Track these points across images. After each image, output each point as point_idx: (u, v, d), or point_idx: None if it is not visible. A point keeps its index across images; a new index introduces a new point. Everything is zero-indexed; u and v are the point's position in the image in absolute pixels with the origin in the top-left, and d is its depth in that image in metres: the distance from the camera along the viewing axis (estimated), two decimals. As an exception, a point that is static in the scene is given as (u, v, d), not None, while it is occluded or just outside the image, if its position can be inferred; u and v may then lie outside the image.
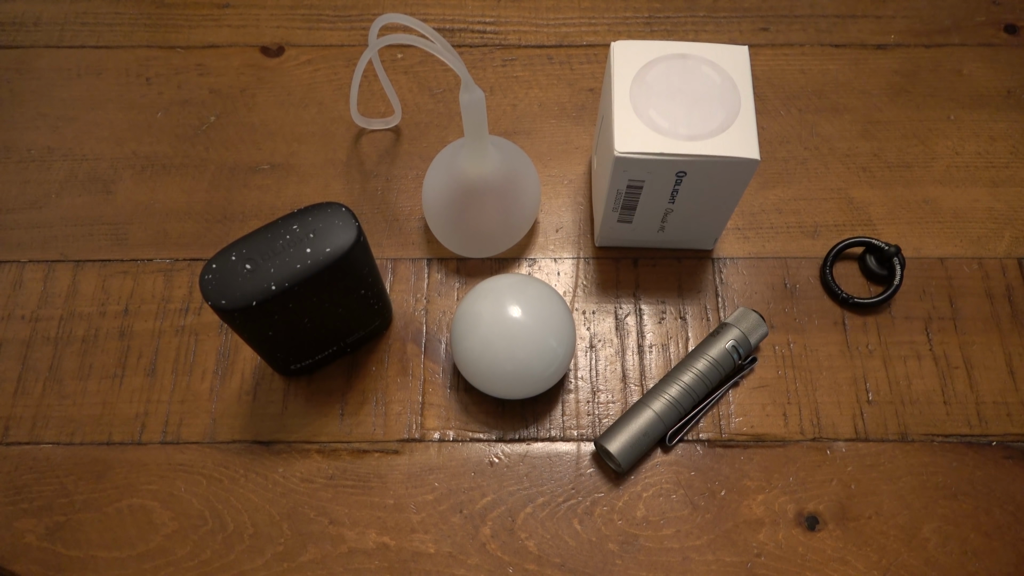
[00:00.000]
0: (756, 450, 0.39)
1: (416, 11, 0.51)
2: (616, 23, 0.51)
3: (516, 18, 0.51)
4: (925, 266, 0.43)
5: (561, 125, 0.47)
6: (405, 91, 0.48)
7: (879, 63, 0.49)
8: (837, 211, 0.45)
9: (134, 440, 0.39)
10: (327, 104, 0.48)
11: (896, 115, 0.47)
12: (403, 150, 0.47)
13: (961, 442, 0.39)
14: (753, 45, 0.50)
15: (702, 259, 0.43)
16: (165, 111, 0.48)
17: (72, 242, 0.44)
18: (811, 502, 0.38)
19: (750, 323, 0.40)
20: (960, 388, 0.40)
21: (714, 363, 0.39)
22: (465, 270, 0.43)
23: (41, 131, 0.47)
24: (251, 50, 0.50)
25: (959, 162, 0.46)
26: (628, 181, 0.36)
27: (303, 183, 0.45)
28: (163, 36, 0.50)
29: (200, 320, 0.42)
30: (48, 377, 0.40)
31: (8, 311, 0.42)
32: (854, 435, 0.39)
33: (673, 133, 0.35)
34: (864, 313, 0.42)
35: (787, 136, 0.47)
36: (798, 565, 0.36)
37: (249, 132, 0.47)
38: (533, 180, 0.41)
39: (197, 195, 0.45)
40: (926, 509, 0.37)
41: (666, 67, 0.37)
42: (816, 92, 0.48)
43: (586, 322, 0.42)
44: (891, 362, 0.41)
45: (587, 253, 0.44)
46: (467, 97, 0.34)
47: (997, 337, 0.41)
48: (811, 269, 0.43)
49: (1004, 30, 0.50)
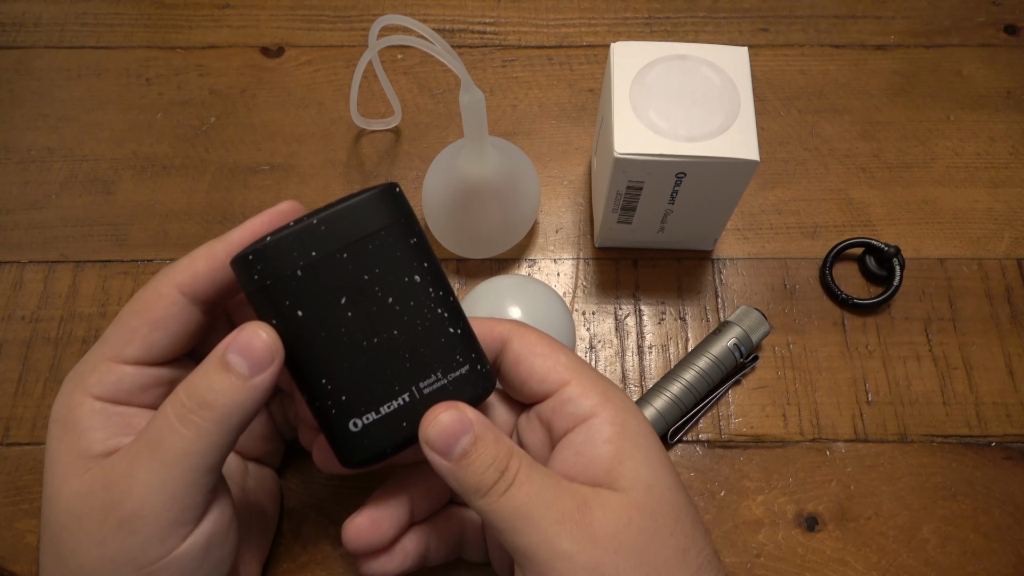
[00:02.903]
0: (755, 451, 0.39)
1: (416, 12, 0.51)
2: (616, 24, 0.51)
3: (516, 19, 0.51)
4: (925, 267, 0.43)
5: (561, 126, 0.47)
6: (405, 92, 0.48)
7: (879, 63, 0.49)
8: (837, 212, 0.45)
9: (134, 441, 0.39)
10: (327, 105, 0.48)
11: (896, 116, 0.48)
12: (403, 151, 0.47)
13: (960, 443, 0.39)
14: (753, 46, 0.50)
15: (702, 260, 0.43)
16: (165, 112, 0.48)
17: (72, 243, 0.44)
18: (810, 503, 0.38)
19: (752, 321, 0.40)
20: (960, 389, 0.40)
21: (716, 361, 0.39)
22: (465, 271, 0.43)
23: (41, 132, 0.47)
24: (251, 51, 0.50)
25: (959, 163, 0.46)
26: (628, 182, 0.36)
27: (303, 184, 0.45)
28: (163, 37, 0.50)
29: (200, 321, 0.42)
30: (49, 378, 0.40)
31: (8, 312, 0.42)
32: (854, 436, 0.39)
33: (673, 134, 0.35)
34: (864, 314, 0.42)
35: (787, 137, 0.47)
36: (797, 566, 0.36)
37: (249, 133, 0.47)
38: (533, 181, 0.41)
39: (197, 196, 0.45)
40: (925, 510, 0.37)
41: (666, 68, 0.37)
42: (816, 93, 0.48)
43: (586, 323, 0.42)
44: (891, 363, 0.41)
45: (587, 254, 0.44)
46: (467, 98, 0.34)
47: (997, 338, 0.41)
48: (811, 270, 0.43)
49: (1004, 30, 0.50)
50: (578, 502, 0.25)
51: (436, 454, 0.26)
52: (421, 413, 0.26)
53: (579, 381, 0.28)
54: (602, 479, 0.26)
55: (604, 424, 0.27)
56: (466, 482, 0.25)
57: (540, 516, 0.24)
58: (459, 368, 0.27)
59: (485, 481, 0.25)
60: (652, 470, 0.26)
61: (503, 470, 0.25)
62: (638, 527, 0.25)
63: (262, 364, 0.25)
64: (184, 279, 0.27)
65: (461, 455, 0.25)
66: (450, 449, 0.25)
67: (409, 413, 0.27)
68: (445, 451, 0.25)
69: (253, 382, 0.25)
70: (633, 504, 0.25)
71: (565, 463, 0.27)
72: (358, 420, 0.27)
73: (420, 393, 0.27)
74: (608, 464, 0.26)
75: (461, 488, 0.25)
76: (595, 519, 0.25)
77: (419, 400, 0.27)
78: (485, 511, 0.25)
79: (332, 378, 0.26)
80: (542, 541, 0.24)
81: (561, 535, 0.24)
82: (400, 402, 0.27)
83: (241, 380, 0.25)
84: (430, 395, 0.27)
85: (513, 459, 0.25)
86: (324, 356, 0.26)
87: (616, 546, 0.24)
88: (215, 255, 0.27)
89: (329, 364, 0.26)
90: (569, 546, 0.24)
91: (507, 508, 0.25)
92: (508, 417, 0.31)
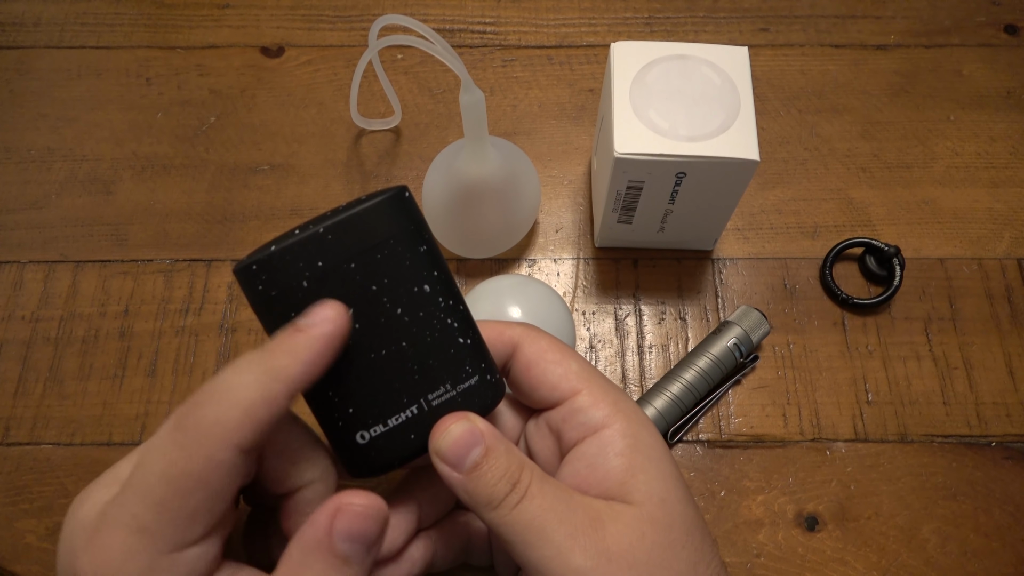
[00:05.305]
0: (756, 451, 0.39)
1: (416, 12, 0.51)
2: (616, 23, 0.51)
3: (516, 18, 0.51)
4: (925, 267, 0.43)
5: (561, 125, 0.47)
6: (405, 92, 0.48)
7: (879, 63, 0.49)
8: (837, 212, 0.45)
9: (134, 441, 0.39)
10: (327, 104, 0.48)
11: (896, 115, 0.48)
12: (403, 151, 0.47)
13: (961, 443, 0.39)
14: (753, 46, 0.50)
15: (702, 260, 0.43)
16: (165, 112, 0.48)
17: (72, 243, 0.44)
18: (811, 503, 0.38)
19: (752, 321, 0.40)
20: (960, 389, 0.40)
21: (716, 361, 0.39)
22: (465, 271, 0.43)
23: (41, 131, 0.47)
24: (251, 50, 0.50)
25: (959, 163, 0.46)
26: (628, 182, 0.36)
27: (303, 184, 0.45)
28: (163, 36, 0.50)
29: (200, 321, 0.42)
30: (48, 378, 0.40)
31: (8, 311, 0.42)
32: (854, 436, 0.39)
33: (673, 134, 0.35)
34: (864, 314, 0.42)
35: (787, 137, 0.47)
36: (798, 566, 0.36)
37: (249, 132, 0.47)
38: (533, 181, 0.41)
39: (197, 196, 0.45)
40: (925, 510, 0.37)
41: (666, 68, 0.37)
42: (816, 92, 0.48)
43: (586, 323, 0.42)
44: (891, 363, 0.41)
45: (587, 254, 0.44)
46: (467, 98, 0.34)
47: (997, 338, 0.41)
48: (811, 270, 0.43)
49: (1004, 30, 0.50)
50: (591, 516, 0.25)
51: (447, 466, 0.25)
52: (430, 425, 0.26)
53: (590, 390, 0.27)
54: (615, 492, 0.26)
55: (616, 436, 0.26)
56: (477, 494, 0.25)
57: (553, 530, 0.24)
58: (468, 379, 0.26)
59: (497, 493, 0.25)
60: (664, 483, 0.26)
61: (515, 482, 0.25)
62: (651, 541, 0.25)
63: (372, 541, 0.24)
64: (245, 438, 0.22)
65: (472, 467, 0.25)
66: (461, 461, 0.25)
67: (417, 425, 0.26)
68: (456, 463, 0.25)
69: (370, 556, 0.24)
70: (646, 518, 0.25)
71: (576, 475, 0.27)
72: (365, 432, 0.26)
73: (429, 405, 0.26)
74: (621, 477, 0.26)
75: (472, 501, 0.25)
76: (608, 534, 0.24)
77: (427, 412, 0.26)
78: (496, 524, 0.25)
79: (339, 390, 0.26)
80: (555, 555, 0.24)
81: (575, 550, 0.24)
82: (408, 414, 0.26)
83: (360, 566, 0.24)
84: (439, 407, 0.26)
85: (525, 471, 0.25)
86: (331, 368, 0.25)
87: (631, 561, 0.24)
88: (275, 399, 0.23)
89: (336, 376, 0.25)
90: (583, 561, 0.24)
91: (519, 521, 0.24)
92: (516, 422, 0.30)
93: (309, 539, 0.23)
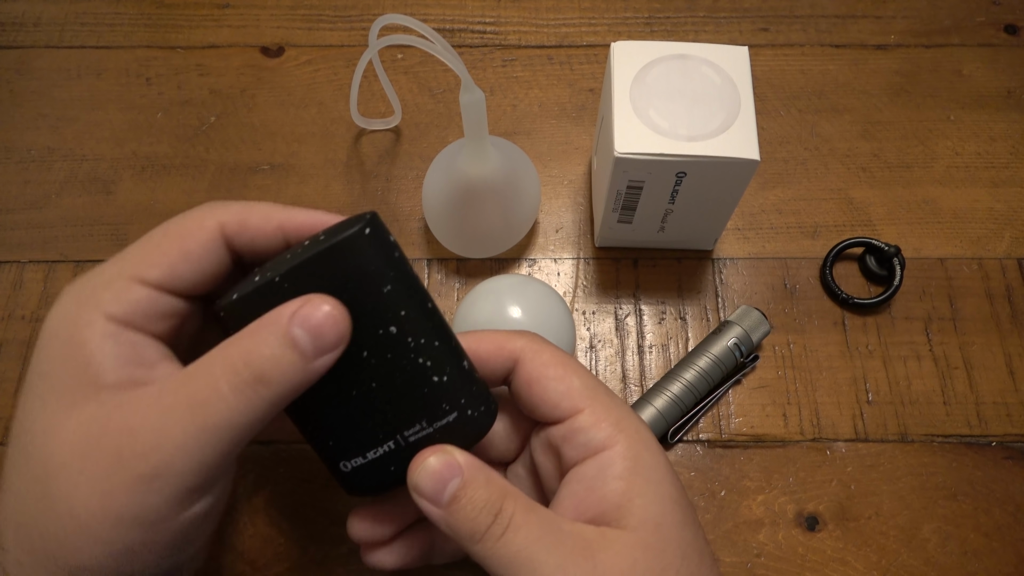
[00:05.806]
0: (756, 450, 0.39)
1: (416, 11, 0.51)
2: (616, 23, 0.51)
3: (516, 18, 0.51)
4: (925, 266, 0.43)
5: (561, 125, 0.47)
6: (405, 91, 0.48)
7: (879, 63, 0.49)
8: (837, 211, 0.45)
9: (134, 440, 0.39)
10: (327, 104, 0.48)
11: (896, 115, 0.48)
12: (403, 150, 0.47)
13: (961, 442, 0.39)
14: (753, 45, 0.50)
15: (702, 259, 0.43)
16: (165, 111, 0.48)
17: (72, 242, 0.44)
18: (811, 502, 0.38)
19: (752, 321, 0.40)
20: (960, 388, 0.40)
21: (716, 361, 0.39)
22: (465, 271, 0.43)
23: (41, 131, 0.47)
24: (251, 50, 0.50)
25: (959, 162, 0.46)
26: (628, 181, 0.36)
27: (303, 183, 0.45)
28: (163, 36, 0.50)
29: (200, 320, 0.42)
30: (48, 377, 0.40)
31: (8, 311, 0.42)
32: (854, 435, 0.39)
33: (673, 133, 0.35)
34: (864, 313, 0.42)
35: (787, 136, 0.47)
36: (798, 565, 0.36)
37: (249, 132, 0.47)
38: (533, 180, 0.41)
39: (197, 195, 0.45)
40: (926, 509, 0.37)
41: (666, 67, 0.37)
42: (816, 92, 0.48)
43: (586, 323, 0.42)
44: (891, 362, 0.41)
45: (587, 253, 0.44)
46: (467, 97, 0.34)
47: (997, 337, 0.41)
48: (811, 269, 0.43)
49: (1004, 30, 0.50)
50: (581, 545, 0.24)
51: (426, 501, 0.25)
52: (408, 458, 0.26)
53: (592, 409, 0.27)
54: (611, 516, 0.25)
55: (617, 458, 0.26)
56: (459, 528, 0.24)
57: (541, 562, 0.24)
58: (446, 416, 0.26)
59: (479, 526, 0.24)
60: (662, 507, 0.26)
61: (496, 512, 0.24)
62: (643, 568, 0.24)
63: (327, 347, 0.23)
64: (231, 222, 0.26)
65: (451, 500, 0.24)
66: (439, 495, 0.24)
67: (396, 459, 0.26)
68: (434, 497, 0.25)
69: (314, 364, 0.23)
70: (639, 544, 0.25)
71: (574, 497, 0.26)
72: (347, 463, 0.26)
73: (405, 441, 0.26)
74: (618, 500, 0.25)
75: (456, 535, 0.24)
76: (599, 562, 0.24)
77: (404, 448, 0.26)
78: (483, 558, 0.24)
79: (316, 425, 0.26)
80: None
81: None
82: (386, 448, 0.26)
83: (304, 361, 0.23)
84: (415, 443, 0.26)
85: (507, 501, 0.25)
86: (306, 405, 0.25)
87: None
88: (270, 219, 0.26)
89: (312, 412, 0.26)
90: None
91: (506, 554, 0.24)
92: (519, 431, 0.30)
93: (269, 316, 0.23)
